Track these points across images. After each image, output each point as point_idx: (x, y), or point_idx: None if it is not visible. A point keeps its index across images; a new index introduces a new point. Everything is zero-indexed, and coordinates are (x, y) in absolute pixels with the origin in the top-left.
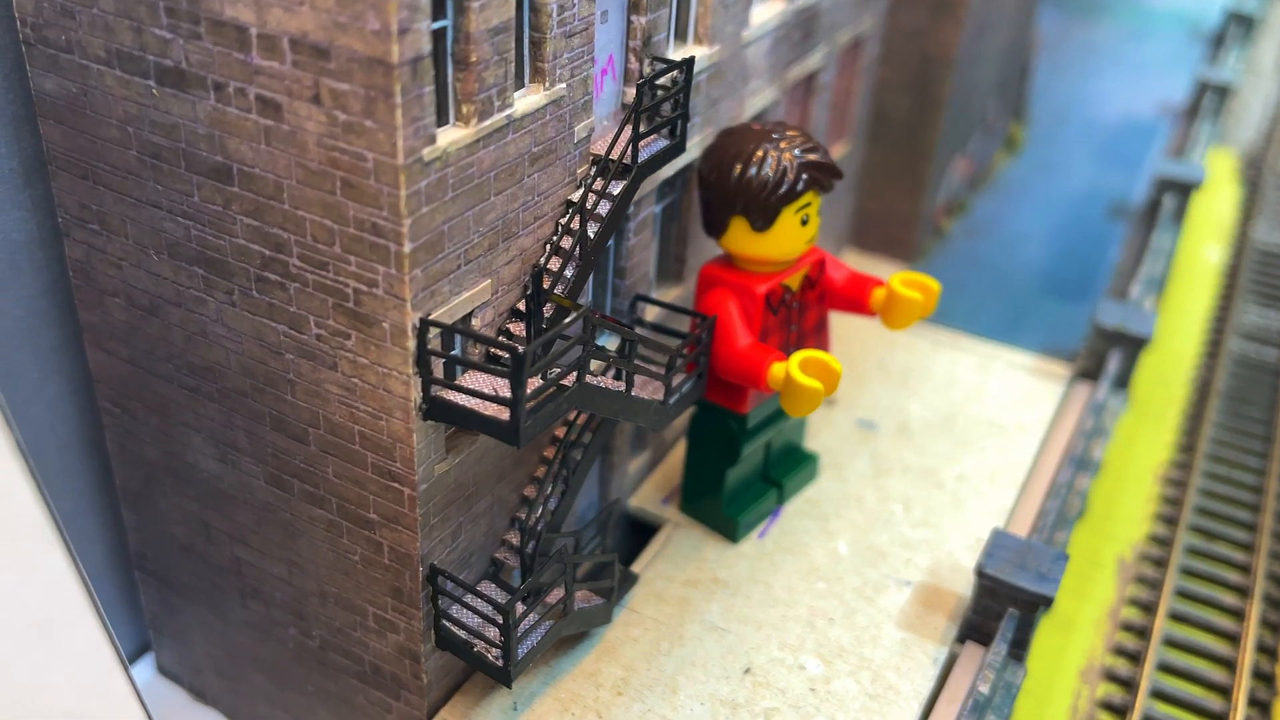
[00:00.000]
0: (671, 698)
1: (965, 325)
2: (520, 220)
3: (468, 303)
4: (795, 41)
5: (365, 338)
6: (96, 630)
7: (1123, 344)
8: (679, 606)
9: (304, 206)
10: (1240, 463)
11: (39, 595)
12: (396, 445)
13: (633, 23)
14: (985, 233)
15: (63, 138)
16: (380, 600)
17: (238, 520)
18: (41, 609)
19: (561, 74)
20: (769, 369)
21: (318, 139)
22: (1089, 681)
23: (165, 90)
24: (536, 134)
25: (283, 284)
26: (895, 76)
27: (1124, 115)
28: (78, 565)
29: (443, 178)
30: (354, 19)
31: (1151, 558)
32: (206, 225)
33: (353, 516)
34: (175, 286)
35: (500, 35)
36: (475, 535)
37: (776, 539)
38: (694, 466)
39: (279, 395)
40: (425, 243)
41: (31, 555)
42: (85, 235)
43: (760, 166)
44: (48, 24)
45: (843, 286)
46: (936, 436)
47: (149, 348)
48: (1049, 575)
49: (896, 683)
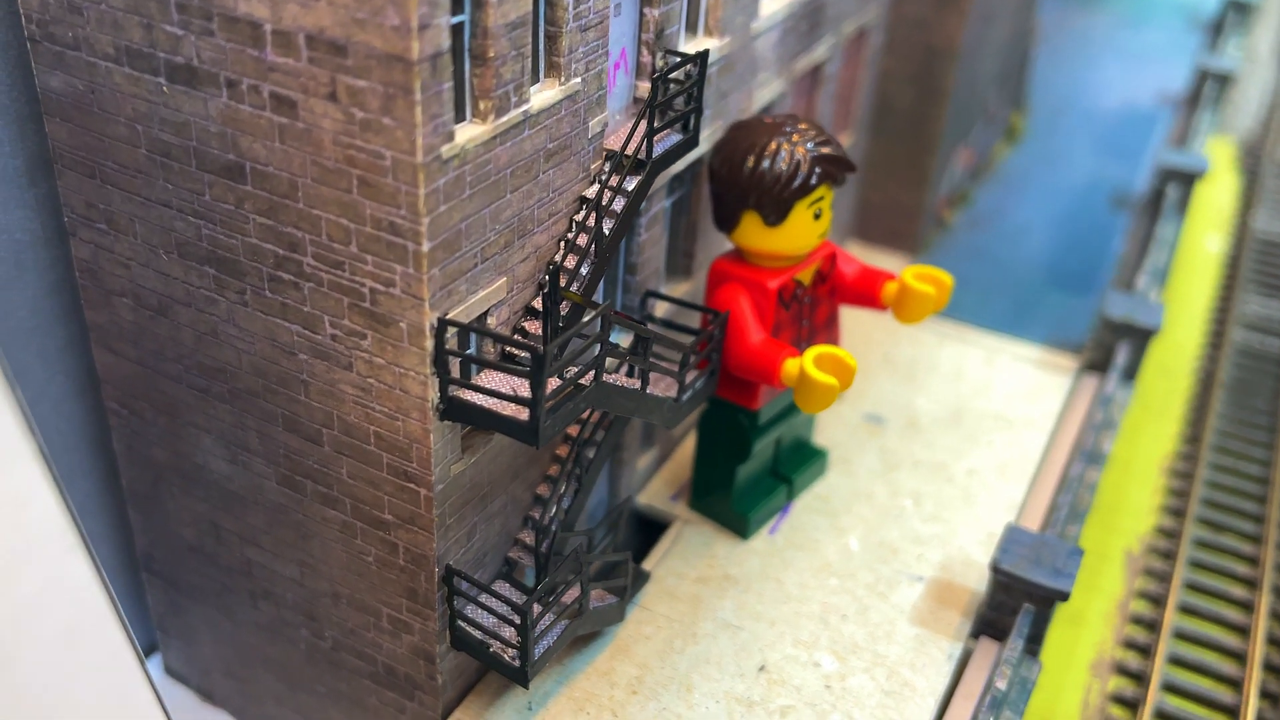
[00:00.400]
0: (686, 696)
1: (970, 318)
2: (535, 217)
3: (484, 301)
4: (802, 33)
5: (382, 338)
6: (120, 638)
7: (1130, 336)
8: (691, 604)
9: (319, 205)
10: (1246, 454)
11: (63, 602)
12: (413, 446)
13: (645, 15)
14: (988, 224)
15: (69, 136)
16: (395, 601)
17: (248, 521)
18: (65, 617)
19: (577, 68)
20: (783, 365)
21: (334, 137)
22: (1099, 675)
23: (176, 88)
24: (552, 130)
25: (297, 283)
26: (899, 67)
27: (1124, 104)
28: (100, 572)
29: (460, 175)
30: (373, 14)
31: (1159, 550)
32: (218, 224)
33: (367, 517)
34: (185, 286)
35: (517, 30)
36: (490, 535)
37: (787, 535)
38: (704, 463)
39: (292, 396)
40: (443, 241)
41: (55, 562)
42: (92, 235)
43: (773, 160)
44: (54, 20)
45: (854, 280)
46: (945, 430)
47: (157, 348)
48: (1064, 570)
49: (912, 679)
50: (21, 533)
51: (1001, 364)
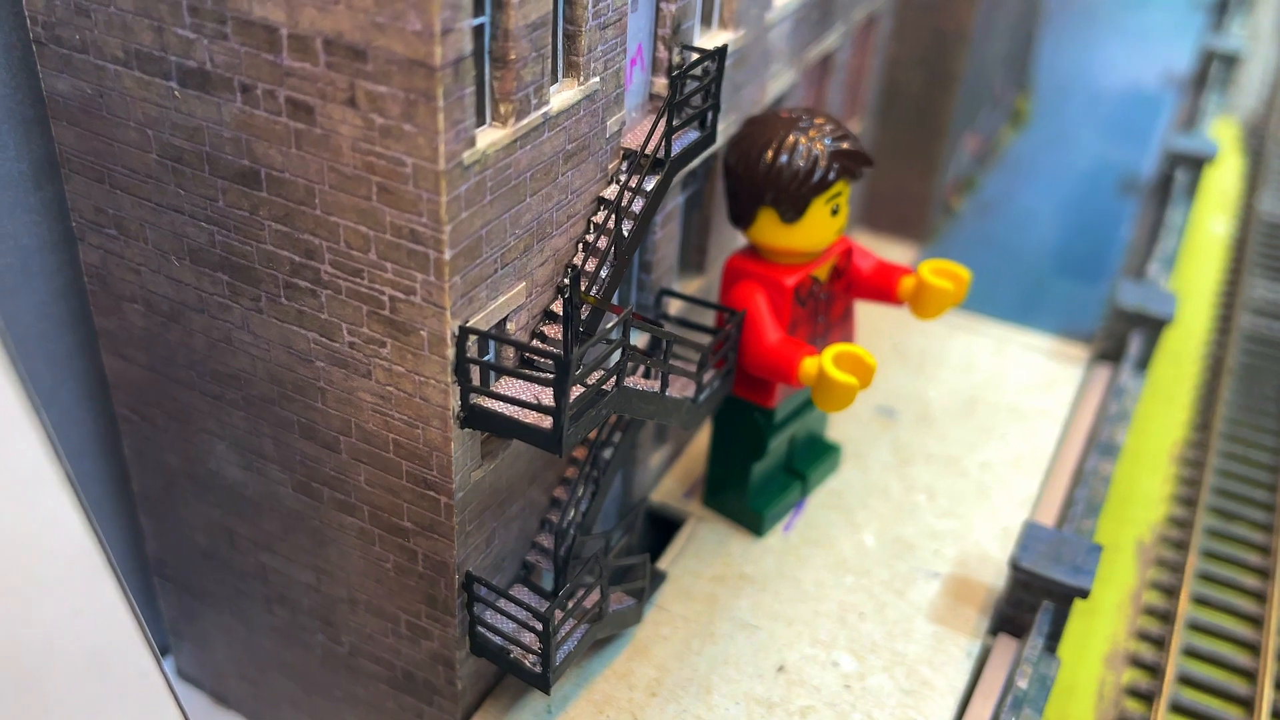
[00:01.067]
0: (706, 698)
1: (980, 307)
2: (554, 220)
3: (504, 307)
4: (814, 22)
5: (402, 346)
6: (148, 662)
7: (1143, 326)
8: (708, 603)
9: (337, 212)
10: (1256, 441)
11: (91, 627)
12: (433, 454)
13: (662, 10)
14: (995, 210)
15: (77, 140)
16: (414, 608)
17: (263, 527)
18: (93, 641)
19: (595, 67)
20: (801, 364)
21: (352, 143)
22: (1114, 668)
23: (188, 92)
24: (571, 130)
25: (314, 291)
26: (908, 52)
27: (1129, 85)
28: (127, 595)
29: (481, 181)
30: (393, 19)
31: (1171, 540)
32: (232, 230)
33: (386, 524)
34: (198, 292)
35: (538, 30)
36: (508, 539)
37: (802, 532)
38: (718, 460)
39: (308, 403)
40: (465, 248)
41: (82, 587)
42: (101, 240)
43: (791, 156)
44: (60, 23)
45: (870, 275)
46: (957, 423)
47: (169, 354)
48: (1084, 568)
49: (931, 678)
50: (50, 559)
51: (1012, 354)
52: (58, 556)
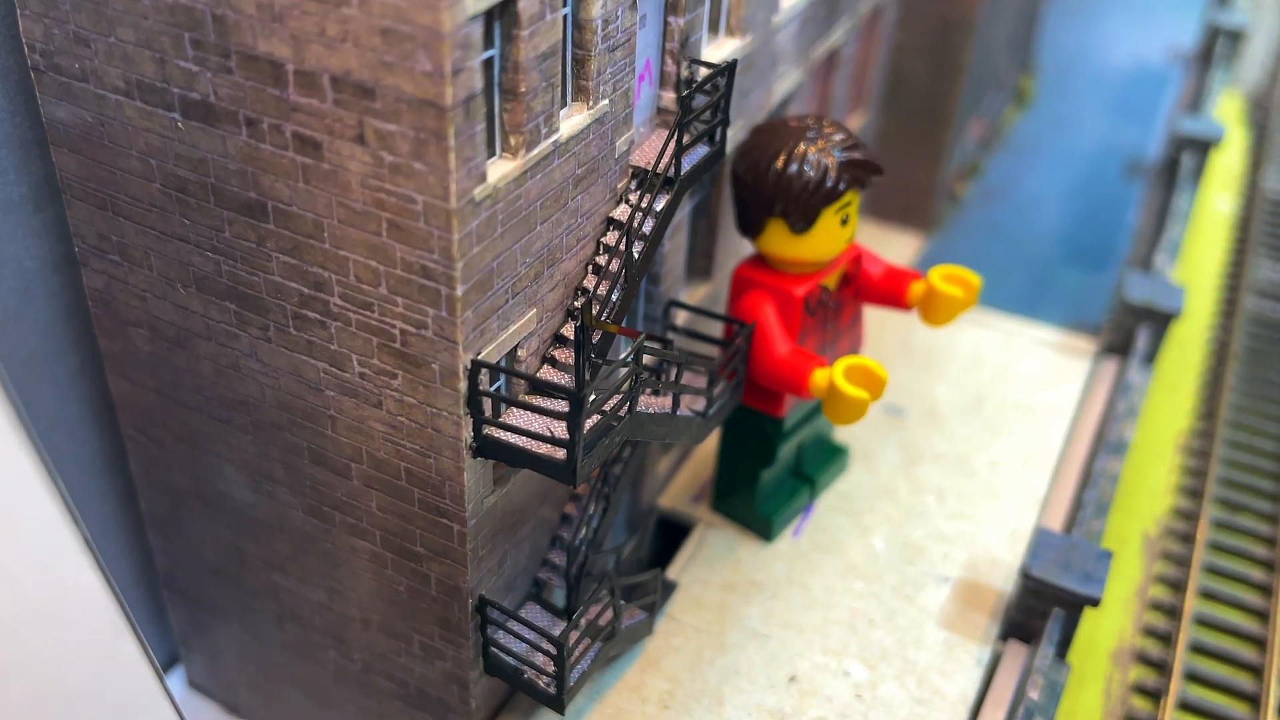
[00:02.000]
0: (719, 709)
1: (987, 298)
2: (564, 244)
3: (515, 335)
4: (821, 19)
5: (413, 378)
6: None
7: (1151, 319)
8: (718, 612)
9: (346, 246)
10: (1262, 429)
11: (113, 688)
12: (446, 483)
13: (670, 24)
14: (1000, 196)
15: (78, 167)
16: (427, 629)
17: (273, 548)
18: (116, 701)
19: (605, 90)
20: (811, 377)
21: (361, 179)
22: (1120, 665)
23: (191, 124)
24: (580, 155)
25: (323, 322)
26: (913, 42)
27: (1133, 62)
28: (148, 651)
29: (492, 215)
30: (402, 59)
31: (1177, 533)
32: (239, 261)
33: (398, 549)
34: (204, 320)
35: (548, 60)
36: (519, 559)
37: (811, 537)
38: (727, 467)
39: (318, 430)
40: (476, 283)
41: (104, 647)
42: (105, 265)
43: (800, 166)
44: (59, 51)
45: (879, 281)
46: (965, 420)
47: (176, 379)
48: (1094, 575)
49: (942, 686)
50: (71, 622)
51: (1020, 348)
52: (79, 618)
